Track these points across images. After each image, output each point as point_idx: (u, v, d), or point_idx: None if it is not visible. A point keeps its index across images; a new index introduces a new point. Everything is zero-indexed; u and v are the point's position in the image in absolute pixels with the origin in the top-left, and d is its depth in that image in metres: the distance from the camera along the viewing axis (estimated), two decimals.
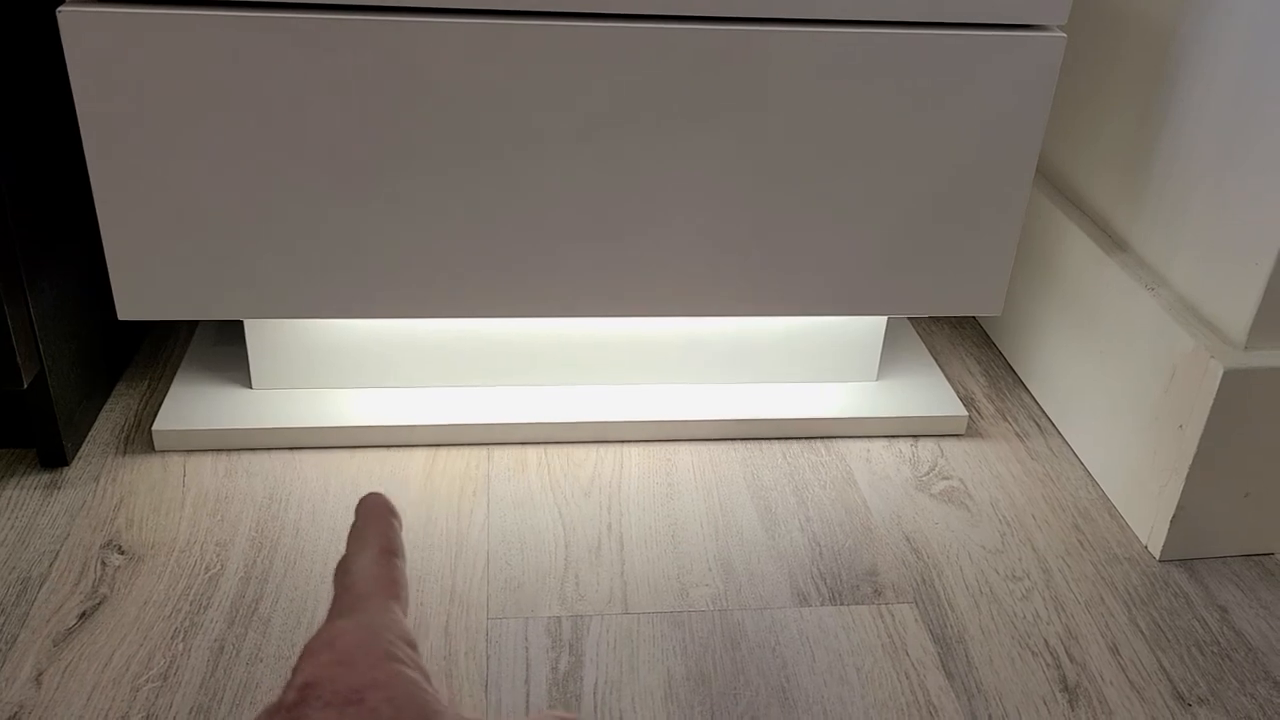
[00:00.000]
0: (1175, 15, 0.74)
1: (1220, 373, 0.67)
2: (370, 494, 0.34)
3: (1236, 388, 0.67)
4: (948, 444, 0.84)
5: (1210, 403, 0.68)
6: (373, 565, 0.31)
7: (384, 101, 0.66)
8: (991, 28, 0.68)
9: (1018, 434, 0.86)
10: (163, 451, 0.78)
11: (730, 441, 0.82)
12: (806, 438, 0.83)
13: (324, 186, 0.68)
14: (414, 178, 0.68)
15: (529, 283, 0.73)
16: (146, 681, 0.60)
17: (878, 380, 0.88)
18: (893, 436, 0.84)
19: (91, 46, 0.63)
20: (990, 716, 0.61)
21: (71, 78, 0.63)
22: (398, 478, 0.77)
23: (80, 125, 0.65)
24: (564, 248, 0.72)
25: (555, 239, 0.71)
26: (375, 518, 0.33)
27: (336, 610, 0.30)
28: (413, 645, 0.29)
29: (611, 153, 0.69)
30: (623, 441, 0.82)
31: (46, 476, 0.75)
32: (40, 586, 0.66)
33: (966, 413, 0.85)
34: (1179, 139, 0.74)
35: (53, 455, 0.76)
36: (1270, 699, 0.63)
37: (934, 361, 0.91)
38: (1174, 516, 0.72)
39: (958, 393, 0.89)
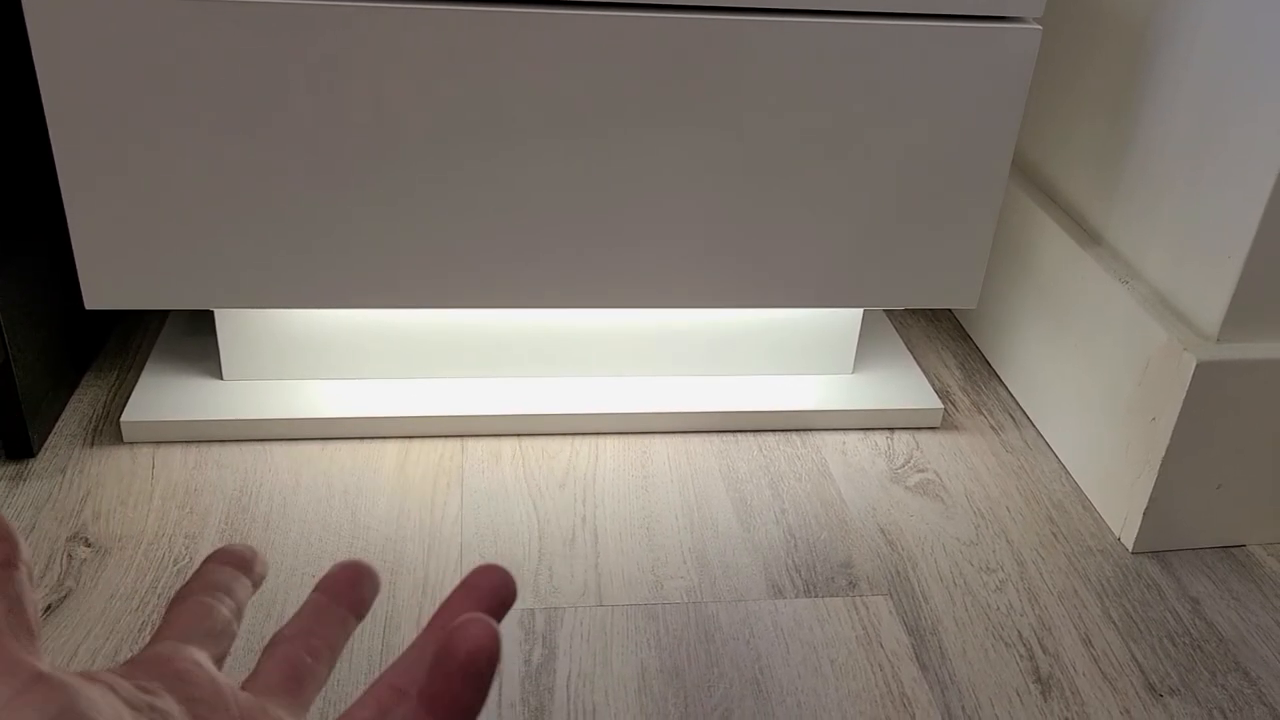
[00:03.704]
0: (1149, 10, 0.74)
1: (1193, 365, 0.67)
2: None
3: (1209, 380, 0.68)
4: (923, 437, 0.84)
5: (1183, 395, 0.68)
6: (175, 605, 0.30)
7: (358, 90, 0.65)
8: (968, 20, 0.68)
9: (993, 427, 0.86)
10: (131, 443, 0.77)
11: (706, 434, 0.82)
12: (782, 430, 0.83)
13: (297, 175, 0.67)
14: (389, 167, 0.68)
15: (504, 274, 0.72)
16: None
17: (854, 373, 0.87)
18: (868, 429, 0.84)
19: (58, 31, 0.62)
20: (964, 708, 0.61)
21: (37, 63, 0.62)
22: (370, 470, 0.76)
23: (46, 111, 0.64)
24: (539, 239, 0.71)
25: (531, 230, 0.71)
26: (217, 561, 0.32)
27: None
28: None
29: (587, 144, 0.68)
30: (598, 433, 0.81)
31: (12, 468, 0.74)
32: None
33: (942, 405, 0.85)
34: (1153, 134, 0.75)
35: (18, 446, 0.75)
36: (1241, 689, 0.64)
37: (910, 354, 0.91)
38: (1147, 509, 0.72)
39: (933, 385, 0.89)
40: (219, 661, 0.30)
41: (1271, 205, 0.64)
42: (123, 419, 0.77)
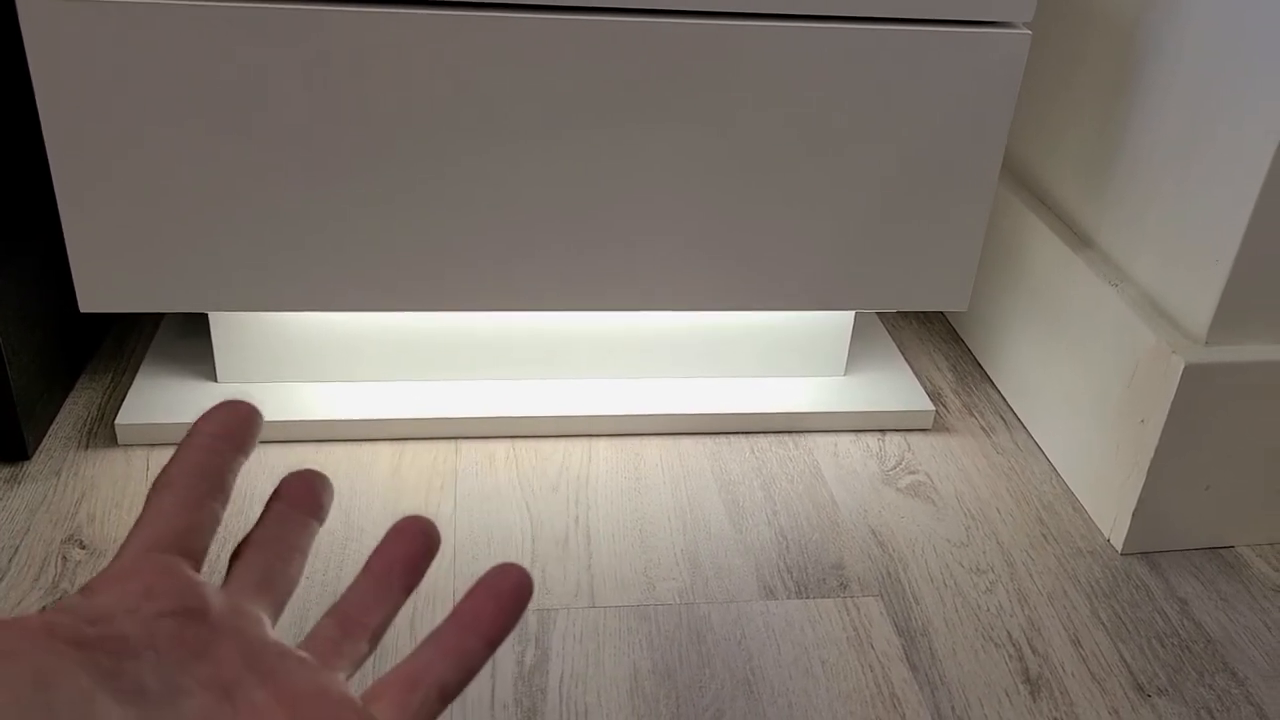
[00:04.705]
0: (1138, 14, 0.75)
1: (1181, 368, 0.68)
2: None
3: (1197, 383, 0.68)
4: (914, 438, 0.84)
5: (1171, 397, 0.68)
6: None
7: (351, 93, 0.65)
8: (957, 24, 0.69)
9: (984, 429, 0.86)
10: (126, 445, 0.77)
11: (698, 436, 0.83)
12: (774, 432, 0.83)
13: (290, 178, 0.68)
14: (382, 170, 0.68)
15: (497, 276, 0.73)
16: None
17: (846, 375, 0.88)
18: (860, 431, 0.85)
19: (53, 35, 0.62)
20: (953, 708, 0.62)
21: (31, 66, 0.63)
22: (364, 472, 0.76)
23: (40, 114, 0.64)
24: (532, 241, 0.72)
25: (524, 232, 0.71)
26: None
27: None
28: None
29: (581, 147, 0.69)
30: (591, 435, 0.82)
31: (6, 470, 0.74)
32: None
33: (933, 407, 0.85)
34: (1142, 138, 0.75)
35: (13, 449, 0.75)
36: (1228, 690, 0.64)
37: (902, 357, 0.92)
38: (1136, 510, 0.72)
39: (925, 388, 0.90)
40: (199, 557, 0.28)
41: (1259, 208, 0.65)
42: (117, 421, 0.77)
